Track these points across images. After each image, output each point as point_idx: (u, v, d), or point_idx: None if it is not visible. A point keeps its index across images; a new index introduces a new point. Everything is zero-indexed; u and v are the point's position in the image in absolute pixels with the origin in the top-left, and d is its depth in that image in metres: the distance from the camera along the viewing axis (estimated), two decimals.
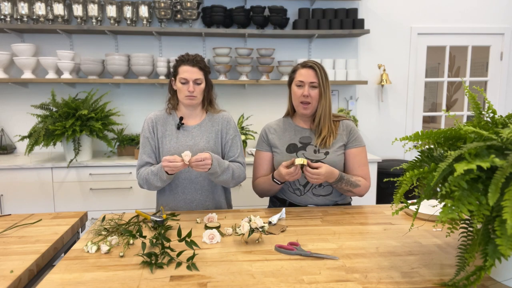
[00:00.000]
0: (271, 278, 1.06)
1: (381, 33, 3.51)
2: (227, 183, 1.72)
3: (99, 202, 2.82)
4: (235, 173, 1.70)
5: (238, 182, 1.76)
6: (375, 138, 3.62)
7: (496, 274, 1.04)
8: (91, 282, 1.05)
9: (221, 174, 1.64)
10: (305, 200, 1.76)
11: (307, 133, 1.79)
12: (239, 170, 1.73)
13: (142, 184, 1.71)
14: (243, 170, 1.77)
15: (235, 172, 1.70)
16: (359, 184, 1.70)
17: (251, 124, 3.34)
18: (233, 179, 1.71)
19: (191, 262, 1.14)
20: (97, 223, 1.51)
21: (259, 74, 3.30)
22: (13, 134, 3.27)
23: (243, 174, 1.77)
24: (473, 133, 0.94)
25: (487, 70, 3.70)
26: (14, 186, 2.72)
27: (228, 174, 1.67)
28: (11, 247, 1.29)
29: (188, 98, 1.70)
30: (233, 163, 1.74)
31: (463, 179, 0.85)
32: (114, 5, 3.06)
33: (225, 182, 1.70)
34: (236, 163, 1.76)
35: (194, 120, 1.79)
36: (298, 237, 1.37)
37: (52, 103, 2.77)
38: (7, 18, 3.01)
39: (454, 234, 1.02)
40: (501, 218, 0.81)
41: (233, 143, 1.79)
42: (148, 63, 3.11)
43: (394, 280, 1.05)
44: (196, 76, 1.68)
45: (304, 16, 3.26)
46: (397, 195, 1.05)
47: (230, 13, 3.16)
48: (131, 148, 3.06)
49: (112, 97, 3.26)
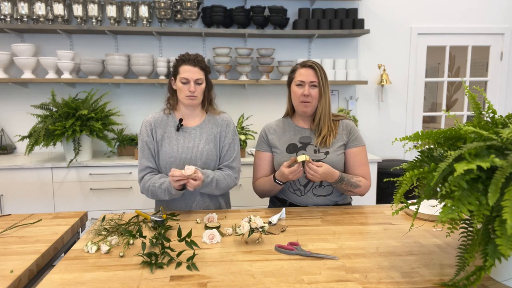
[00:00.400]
0: (271, 278, 1.06)
1: (381, 33, 3.51)
2: (210, 192, 1.72)
3: (99, 202, 2.81)
4: (219, 185, 1.69)
5: (225, 191, 1.76)
6: (375, 138, 3.62)
7: (496, 274, 1.04)
8: (91, 282, 1.05)
9: (202, 187, 1.65)
10: (306, 200, 1.76)
11: (307, 133, 1.79)
12: (226, 180, 1.71)
13: (146, 194, 1.69)
14: (232, 179, 1.75)
15: (219, 183, 1.68)
16: (360, 185, 1.71)
17: (251, 124, 3.34)
18: (218, 189, 1.70)
19: (191, 262, 1.14)
20: (97, 223, 1.51)
21: (259, 74, 3.30)
22: (13, 134, 3.27)
23: (233, 182, 1.76)
24: (473, 133, 0.94)
25: (487, 70, 3.70)
26: (14, 186, 2.72)
27: (211, 187, 1.67)
28: (11, 247, 1.28)
29: (189, 98, 1.69)
30: (223, 172, 1.73)
31: (463, 179, 0.85)
32: (114, 5, 3.06)
33: (208, 191, 1.70)
34: (227, 170, 1.75)
35: (194, 121, 1.78)
36: (298, 237, 1.36)
37: (52, 103, 2.77)
38: (7, 18, 3.01)
39: (454, 234, 1.02)
40: (501, 218, 0.81)
41: (230, 147, 1.78)
42: (148, 63, 3.11)
43: (394, 280, 1.05)
44: (197, 76, 1.67)
45: (304, 16, 3.26)
46: (397, 195, 1.05)
47: (230, 13, 3.16)
48: (131, 148, 3.06)
49: (112, 97, 3.26)
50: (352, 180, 1.69)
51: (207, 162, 1.73)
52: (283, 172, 1.60)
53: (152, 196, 1.69)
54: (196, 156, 1.71)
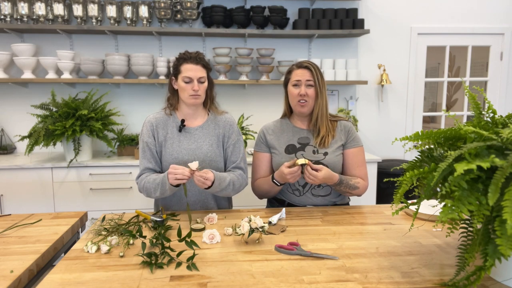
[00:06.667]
0: (271, 278, 1.06)
1: (381, 33, 3.51)
2: (226, 195, 1.70)
3: (99, 202, 2.81)
4: (235, 186, 1.67)
5: (238, 192, 1.73)
6: (375, 138, 3.62)
7: (496, 274, 1.04)
8: (91, 282, 1.05)
9: (220, 191, 1.62)
10: (304, 201, 1.76)
11: (305, 134, 1.79)
12: (240, 181, 1.70)
13: (142, 192, 1.67)
14: (244, 178, 1.74)
15: (235, 185, 1.67)
16: (358, 187, 1.72)
17: (251, 124, 3.34)
18: (234, 191, 1.68)
19: (191, 262, 1.14)
20: (97, 223, 1.51)
21: (259, 74, 3.30)
22: (13, 134, 3.27)
23: (245, 182, 1.74)
24: (473, 133, 0.94)
25: (487, 70, 3.70)
26: (14, 186, 2.72)
27: (228, 189, 1.64)
28: (11, 247, 1.28)
29: (193, 97, 1.65)
30: (235, 173, 1.71)
31: (463, 179, 0.85)
32: (114, 5, 3.06)
33: (224, 194, 1.68)
34: (238, 170, 1.73)
35: (197, 121, 1.75)
36: (298, 237, 1.36)
37: (52, 103, 2.77)
38: (7, 18, 3.01)
39: (454, 234, 1.02)
40: (501, 218, 0.81)
41: (235, 148, 1.76)
42: (148, 63, 3.11)
43: (394, 280, 1.05)
44: (200, 74, 1.64)
45: (304, 16, 3.26)
46: (397, 195, 1.05)
47: (230, 13, 3.16)
48: (131, 148, 3.06)
49: (112, 97, 3.26)
50: (350, 182, 1.69)
51: (212, 164, 1.70)
52: (282, 172, 1.60)
53: (146, 193, 1.64)
54: (200, 158, 1.68)
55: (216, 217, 1.55)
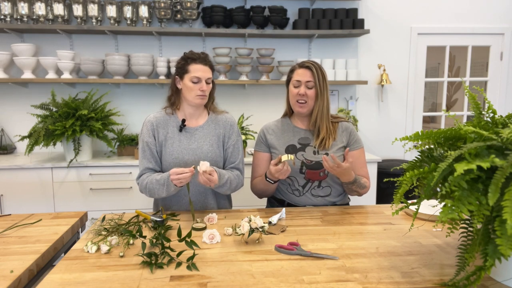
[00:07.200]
0: (271, 278, 1.06)
1: (381, 33, 3.51)
2: (222, 192, 1.71)
3: (99, 202, 2.81)
4: (232, 185, 1.68)
5: (233, 191, 1.75)
6: (375, 138, 3.62)
7: (496, 274, 1.04)
8: (91, 282, 1.05)
9: (216, 187, 1.64)
10: (304, 201, 1.76)
11: (306, 134, 1.79)
12: (237, 180, 1.71)
13: (144, 192, 1.66)
14: (241, 179, 1.76)
15: (232, 184, 1.68)
16: (366, 186, 1.74)
17: (251, 124, 3.34)
18: (229, 190, 1.70)
19: (191, 262, 1.14)
20: (97, 223, 1.51)
21: (259, 74, 3.30)
22: (13, 134, 3.27)
23: (241, 183, 1.76)
24: (473, 133, 0.94)
25: (487, 70, 3.70)
26: (14, 186, 2.72)
27: (225, 187, 1.66)
28: (11, 247, 1.28)
29: (200, 98, 1.65)
30: (233, 172, 1.72)
31: (463, 179, 0.85)
32: (114, 5, 3.06)
33: (219, 191, 1.69)
34: (235, 171, 1.74)
35: (197, 121, 1.75)
36: (298, 237, 1.36)
37: (52, 103, 2.77)
38: (7, 18, 3.00)
39: (454, 234, 1.02)
40: (501, 218, 0.81)
41: (234, 149, 1.76)
42: (148, 63, 3.11)
43: (394, 280, 1.05)
44: (208, 75, 1.65)
45: (304, 16, 3.26)
46: (397, 195, 1.05)
47: (230, 13, 3.16)
48: (131, 148, 3.06)
49: (112, 97, 3.26)
50: (361, 182, 1.72)
51: (212, 163, 1.69)
52: (269, 170, 1.61)
53: (150, 194, 1.64)
54: (200, 158, 1.68)
55: (216, 217, 1.55)
